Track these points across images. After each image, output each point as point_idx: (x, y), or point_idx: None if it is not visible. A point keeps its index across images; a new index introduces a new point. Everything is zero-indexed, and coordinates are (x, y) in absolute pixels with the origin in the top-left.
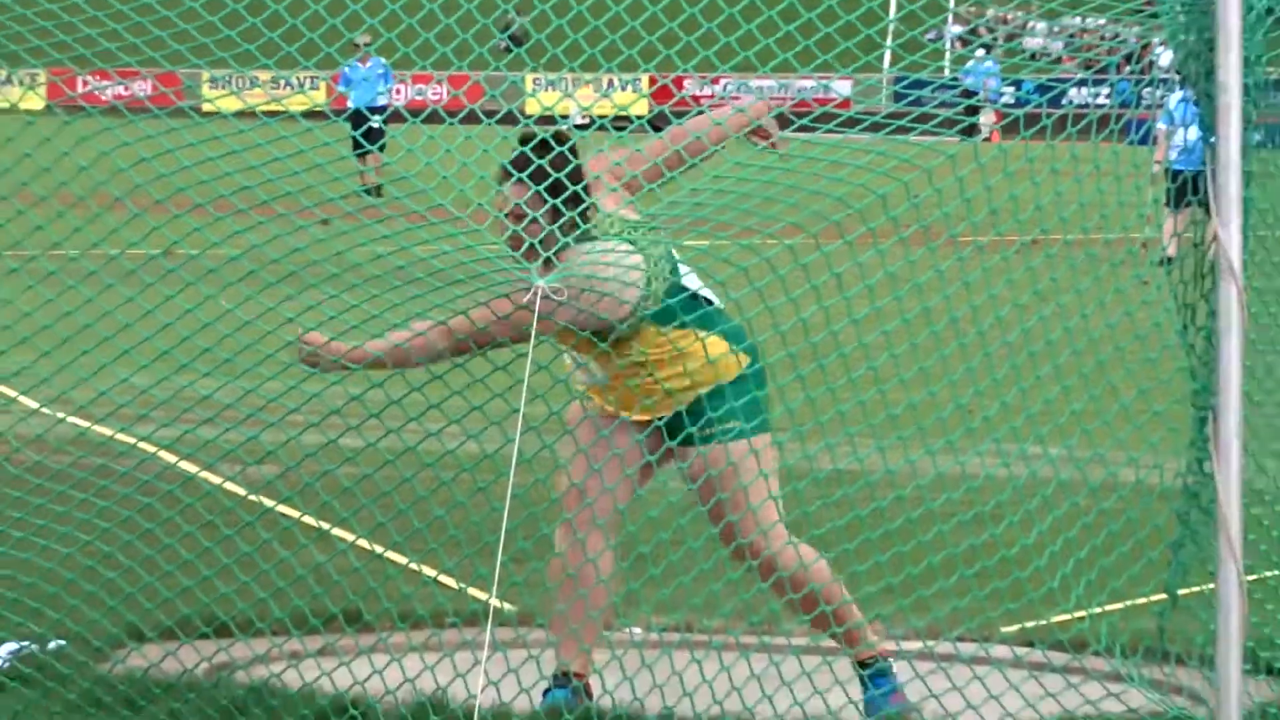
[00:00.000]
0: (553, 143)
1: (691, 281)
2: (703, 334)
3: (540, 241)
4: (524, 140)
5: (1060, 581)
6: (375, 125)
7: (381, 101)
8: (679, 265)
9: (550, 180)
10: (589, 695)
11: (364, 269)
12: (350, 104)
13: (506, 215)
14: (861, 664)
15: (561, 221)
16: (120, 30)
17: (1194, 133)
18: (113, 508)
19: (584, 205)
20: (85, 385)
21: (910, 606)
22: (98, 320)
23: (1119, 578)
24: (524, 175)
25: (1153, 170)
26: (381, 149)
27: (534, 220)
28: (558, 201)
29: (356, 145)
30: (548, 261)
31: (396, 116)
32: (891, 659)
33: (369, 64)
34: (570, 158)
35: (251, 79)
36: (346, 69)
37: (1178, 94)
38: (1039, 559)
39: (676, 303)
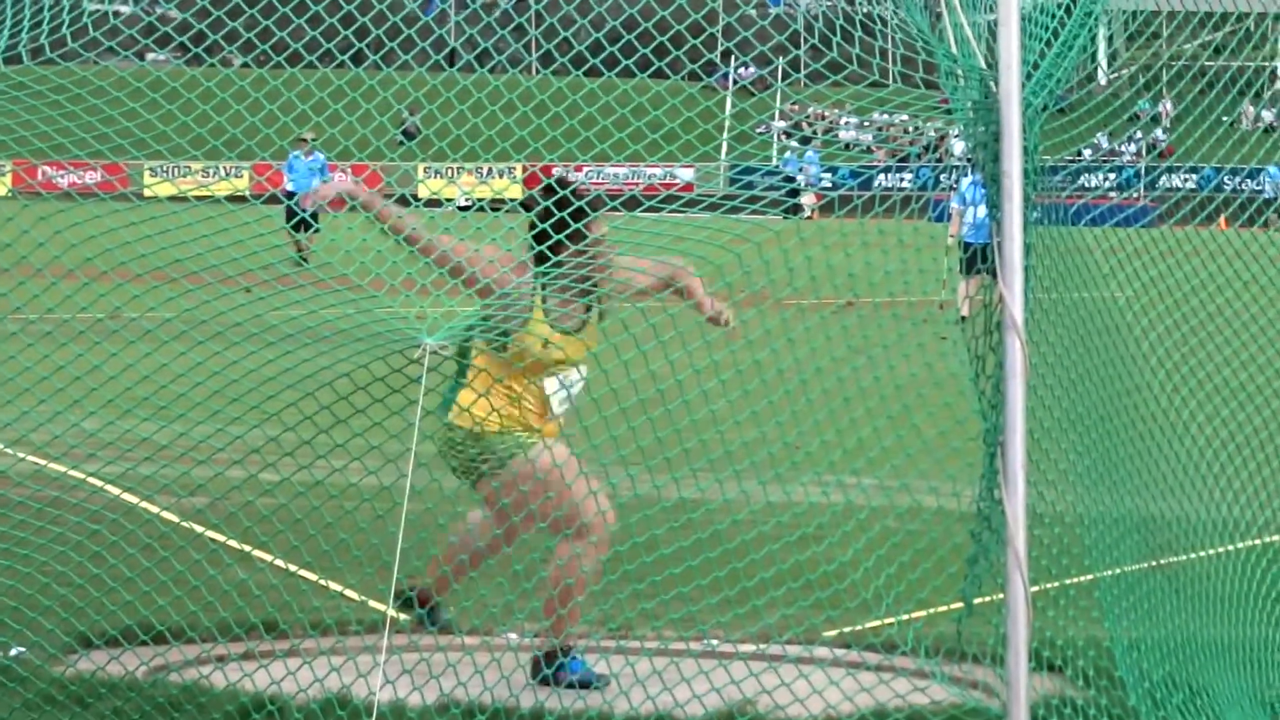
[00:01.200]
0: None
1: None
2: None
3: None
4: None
5: (873, 592)
6: (309, 210)
7: (314, 185)
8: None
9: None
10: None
11: (279, 329)
12: (288, 185)
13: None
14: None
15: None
16: (73, 127)
17: (982, 211)
18: (65, 533)
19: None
20: (41, 429)
21: (745, 615)
22: (52, 373)
23: (923, 589)
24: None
25: (948, 242)
26: (316, 232)
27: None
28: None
29: (290, 217)
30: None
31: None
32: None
33: (310, 157)
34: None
35: (185, 169)
36: (292, 157)
37: (968, 179)
38: (855, 573)
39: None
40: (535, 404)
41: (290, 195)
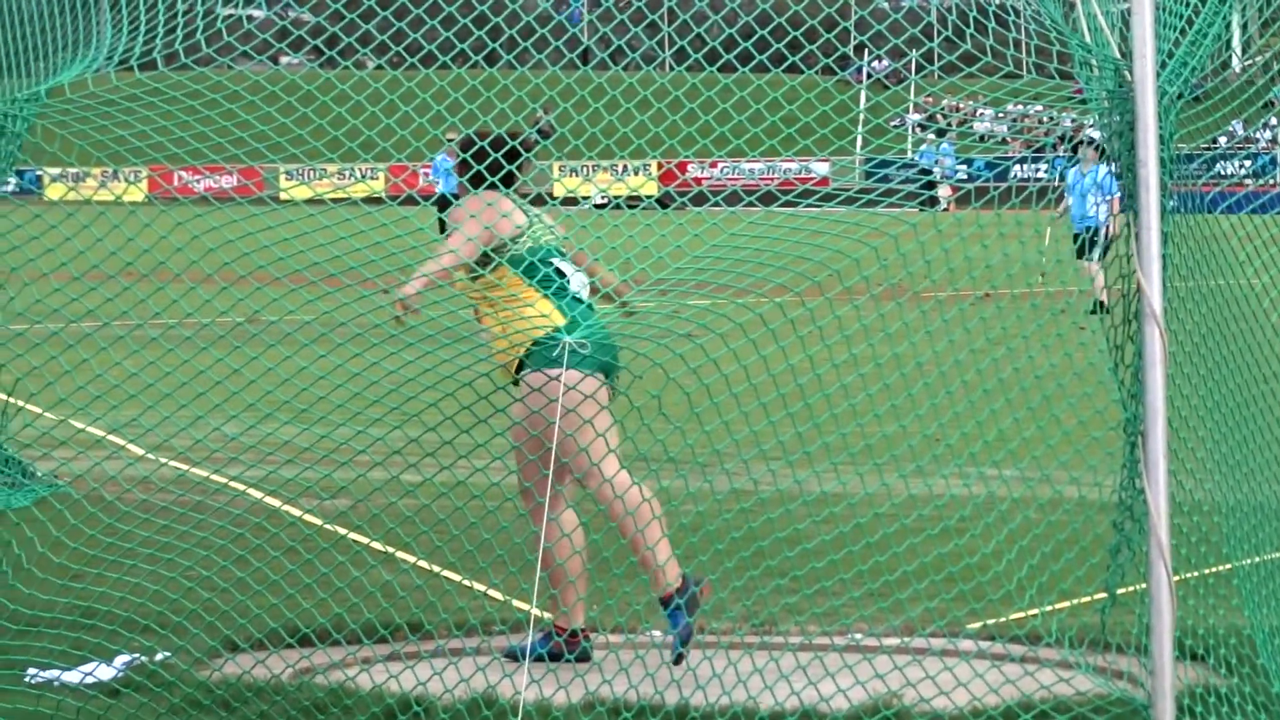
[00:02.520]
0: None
1: (572, 277)
2: (537, 294)
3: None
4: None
5: (1016, 583)
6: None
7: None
8: (564, 259)
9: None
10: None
11: (418, 330)
12: (438, 190)
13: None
14: (665, 594)
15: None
16: (209, 132)
17: (1091, 199)
18: (209, 538)
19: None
20: (183, 434)
21: (889, 608)
22: (193, 378)
23: (1066, 580)
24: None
25: (1049, 230)
26: None
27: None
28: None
29: (442, 227)
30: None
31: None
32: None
33: (455, 157)
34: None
35: (320, 171)
36: (437, 159)
37: (1075, 168)
38: (998, 565)
39: (536, 263)
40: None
41: (442, 203)
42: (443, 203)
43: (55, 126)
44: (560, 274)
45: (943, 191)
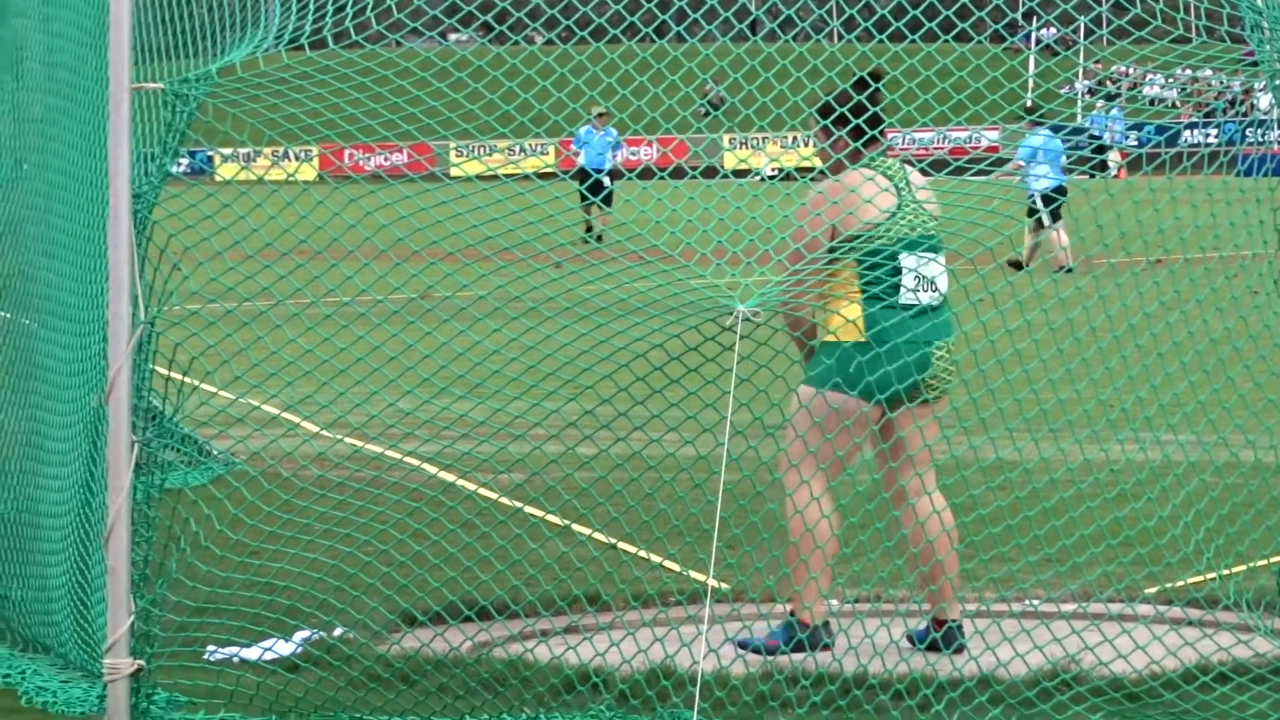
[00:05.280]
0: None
1: (924, 268)
2: (857, 295)
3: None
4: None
5: (1193, 547)
6: (605, 183)
7: (608, 165)
8: (920, 251)
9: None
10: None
11: (592, 302)
12: (579, 163)
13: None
14: (792, 614)
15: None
16: (379, 109)
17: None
18: (385, 512)
19: (866, 137)
20: (357, 410)
21: (1065, 573)
22: (367, 354)
23: (1243, 543)
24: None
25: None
26: (608, 201)
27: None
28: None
29: (583, 198)
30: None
31: (617, 174)
32: (818, 629)
33: (601, 131)
34: (866, 100)
35: (491, 147)
36: (581, 132)
37: (1041, 135)
38: (1174, 529)
39: (880, 259)
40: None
41: (583, 173)
42: (582, 175)
43: (227, 106)
44: (897, 273)
45: (1113, 157)
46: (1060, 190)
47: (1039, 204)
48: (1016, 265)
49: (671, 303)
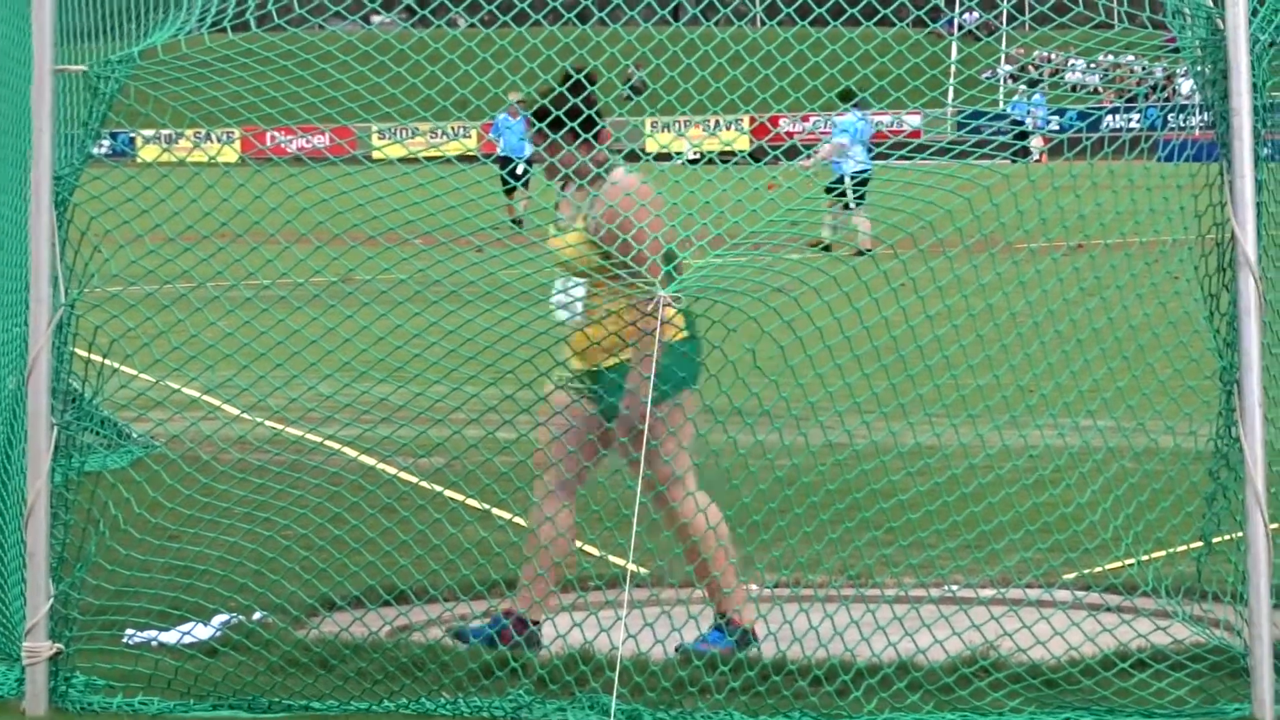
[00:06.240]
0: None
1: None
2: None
3: (575, 170)
4: (543, 94)
5: (1111, 533)
6: (521, 169)
7: (527, 151)
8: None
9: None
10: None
11: (512, 287)
12: (499, 150)
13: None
14: (721, 615)
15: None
16: (301, 92)
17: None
18: (305, 496)
19: (597, 128)
20: (278, 393)
21: (984, 559)
22: (287, 337)
23: (1162, 529)
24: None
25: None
26: (526, 186)
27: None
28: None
29: (504, 184)
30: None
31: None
32: (749, 632)
33: (518, 117)
34: (572, 95)
35: (413, 130)
36: (499, 119)
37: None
38: (1092, 515)
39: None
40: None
41: (503, 161)
42: (503, 161)
43: (148, 89)
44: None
45: (1035, 142)
46: (864, 174)
47: (848, 185)
48: (824, 248)
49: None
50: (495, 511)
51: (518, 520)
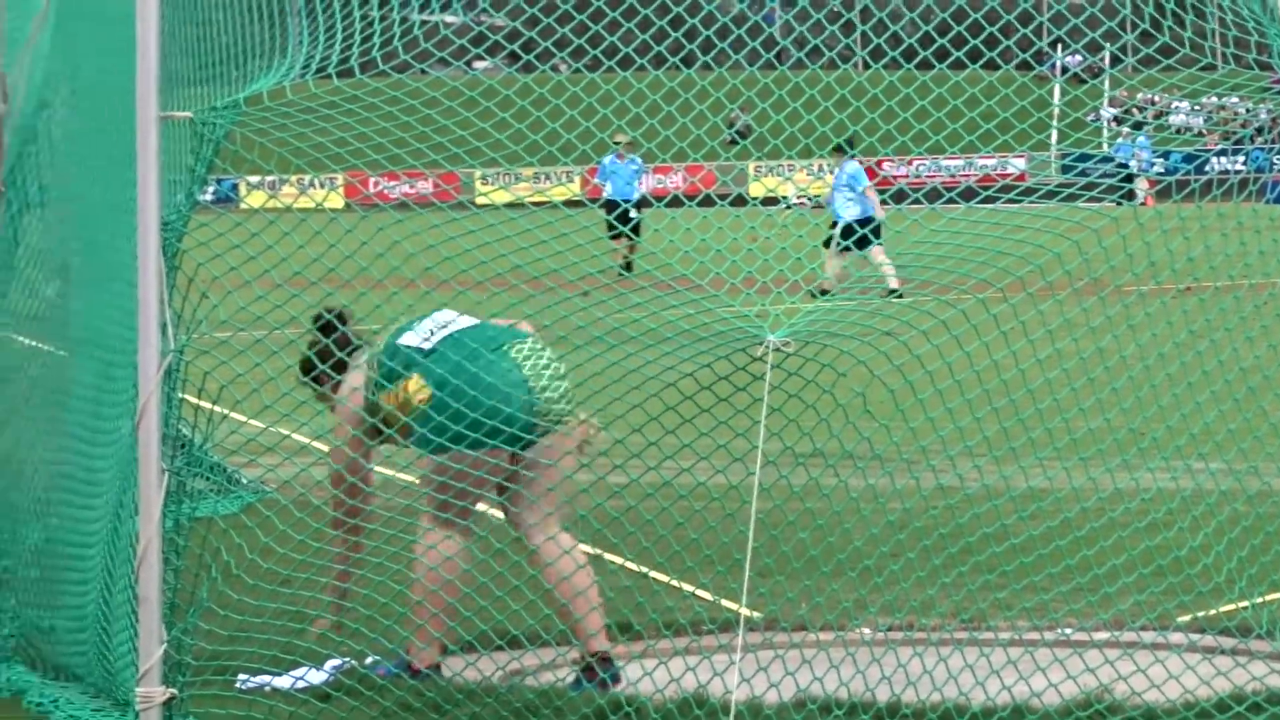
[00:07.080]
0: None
1: (408, 338)
2: (409, 378)
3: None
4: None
5: (1225, 576)
6: (631, 214)
7: (635, 195)
8: (406, 330)
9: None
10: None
11: (621, 332)
12: (605, 194)
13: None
14: (592, 653)
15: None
16: (406, 137)
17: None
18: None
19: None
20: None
21: (1097, 602)
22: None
23: (1276, 571)
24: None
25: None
26: (636, 231)
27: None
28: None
29: (610, 228)
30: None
31: (645, 203)
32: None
33: (625, 160)
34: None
35: (517, 175)
36: (606, 162)
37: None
38: (1206, 557)
39: (393, 365)
40: None
41: (610, 205)
42: (610, 206)
43: (254, 134)
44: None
45: (1140, 185)
46: (866, 219)
47: (838, 232)
48: (823, 292)
49: (701, 332)
50: (607, 556)
51: (630, 565)
